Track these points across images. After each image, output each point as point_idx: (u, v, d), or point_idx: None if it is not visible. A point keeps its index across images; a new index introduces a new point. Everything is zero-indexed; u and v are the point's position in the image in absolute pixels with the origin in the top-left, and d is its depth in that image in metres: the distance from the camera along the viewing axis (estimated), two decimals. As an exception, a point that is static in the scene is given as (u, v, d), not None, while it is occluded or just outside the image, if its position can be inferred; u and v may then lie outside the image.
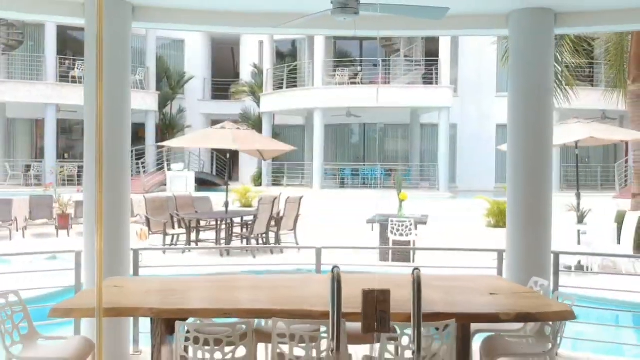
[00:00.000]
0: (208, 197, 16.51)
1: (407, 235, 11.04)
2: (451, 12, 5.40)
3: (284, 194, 14.59)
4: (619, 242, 10.58)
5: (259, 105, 26.50)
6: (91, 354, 4.34)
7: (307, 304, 3.86)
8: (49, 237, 14.95)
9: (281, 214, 13.47)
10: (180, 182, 20.77)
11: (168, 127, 26.80)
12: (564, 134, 11.16)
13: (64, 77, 23.49)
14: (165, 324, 4.03)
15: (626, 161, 22.30)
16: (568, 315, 3.83)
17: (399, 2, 4.91)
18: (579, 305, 5.56)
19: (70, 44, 24.61)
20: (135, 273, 5.70)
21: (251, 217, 12.99)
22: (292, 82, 25.27)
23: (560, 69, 13.32)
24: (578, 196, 11.18)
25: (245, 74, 28.90)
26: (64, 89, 23.07)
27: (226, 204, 13.34)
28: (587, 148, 25.07)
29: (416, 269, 2.68)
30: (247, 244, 13.05)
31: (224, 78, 30.02)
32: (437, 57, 23.29)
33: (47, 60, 23.28)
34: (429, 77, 23.88)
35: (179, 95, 28.03)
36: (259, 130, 24.25)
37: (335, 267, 2.70)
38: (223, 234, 12.89)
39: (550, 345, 4.21)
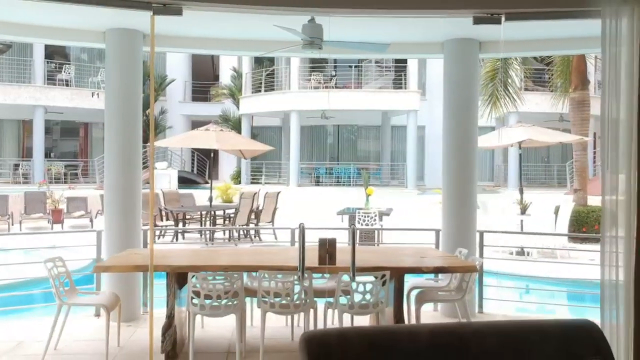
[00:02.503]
0: (191, 193, 17.76)
1: (372, 225, 12.49)
2: (398, 39, 6.91)
3: (262, 191, 15.90)
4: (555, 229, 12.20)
5: (238, 107, 27.63)
6: (118, 304, 5.70)
7: (284, 262, 5.26)
8: (44, 230, 16.06)
9: (260, 208, 14.83)
10: (164, 179, 21.87)
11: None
12: (507, 136, 12.73)
13: (51, 80, 24.55)
14: (177, 280, 5.41)
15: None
16: (472, 269, 5.31)
17: (353, 35, 6.37)
18: (493, 272, 7.07)
19: (57, 49, 25.61)
20: (145, 247, 7.05)
21: (233, 211, 14.35)
22: (270, 86, 26.48)
23: (510, 80, 14.87)
24: (521, 191, 12.81)
25: (225, 77, 30.04)
26: (52, 92, 24.15)
27: (210, 199, 14.65)
28: (547, 148, 26.77)
29: (352, 224, 4.10)
30: (230, 234, 14.39)
31: (204, 81, 31.16)
32: (406, 63, 24.70)
33: (35, 63, 24.27)
34: (399, 82, 25.29)
35: (161, 98, 29.11)
36: (238, 131, 25.46)
37: (301, 223, 4.13)
38: (207, 225, 14.21)
39: (463, 294, 5.69)
